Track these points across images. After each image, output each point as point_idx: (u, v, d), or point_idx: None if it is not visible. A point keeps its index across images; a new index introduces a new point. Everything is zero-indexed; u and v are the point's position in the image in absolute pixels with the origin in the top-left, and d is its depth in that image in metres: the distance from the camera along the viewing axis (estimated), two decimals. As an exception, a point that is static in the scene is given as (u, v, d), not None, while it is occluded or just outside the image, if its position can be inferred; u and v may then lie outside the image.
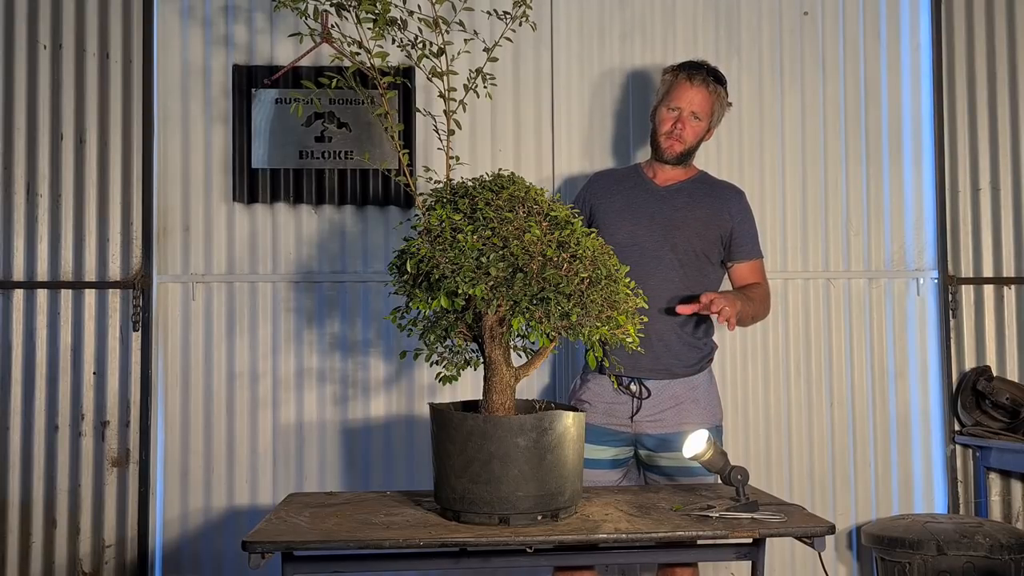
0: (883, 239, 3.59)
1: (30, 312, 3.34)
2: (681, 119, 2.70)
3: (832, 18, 3.61)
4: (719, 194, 2.80)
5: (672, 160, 2.75)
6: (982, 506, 3.51)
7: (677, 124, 2.70)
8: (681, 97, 2.69)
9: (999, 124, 3.64)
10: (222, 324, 3.40)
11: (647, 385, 2.63)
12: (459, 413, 2.08)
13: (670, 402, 2.64)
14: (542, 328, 1.92)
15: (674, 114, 2.71)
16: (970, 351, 3.60)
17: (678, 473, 2.64)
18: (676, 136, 2.70)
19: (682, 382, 2.66)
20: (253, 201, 3.40)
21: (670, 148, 2.72)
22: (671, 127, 2.70)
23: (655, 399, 2.63)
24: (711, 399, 2.71)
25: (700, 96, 2.70)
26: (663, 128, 2.72)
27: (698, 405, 2.66)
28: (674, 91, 2.71)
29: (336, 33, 2.52)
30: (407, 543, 1.89)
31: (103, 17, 3.42)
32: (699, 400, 2.67)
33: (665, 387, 2.64)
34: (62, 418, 3.33)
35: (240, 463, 3.37)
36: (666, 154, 2.73)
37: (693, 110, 2.70)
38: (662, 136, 2.72)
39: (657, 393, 2.64)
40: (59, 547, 3.31)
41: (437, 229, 1.98)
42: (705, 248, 2.71)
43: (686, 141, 2.72)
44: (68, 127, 3.39)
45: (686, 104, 2.69)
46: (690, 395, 2.66)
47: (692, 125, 2.71)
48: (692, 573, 2.65)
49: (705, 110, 2.71)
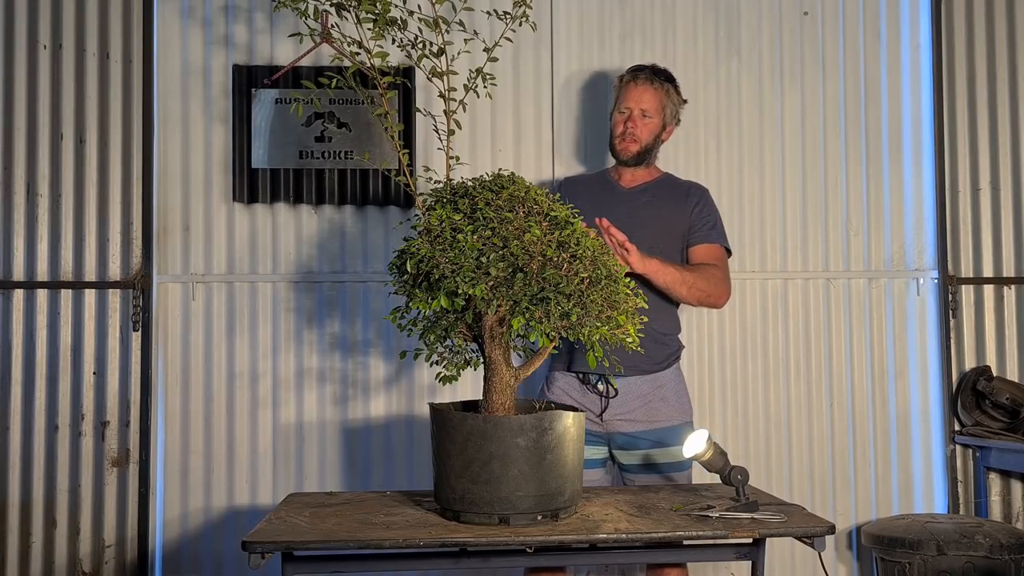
0: (883, 239, 3.60)
1: (30, 312, 3.34)
2: (632, 119, 2.78)
3: (832, 18, 3.61)
4: (681, 192, 2.84)
5: (630, 160, 2.81)
6: (982, 506, 3.51)
7: (628, 124, 2.78)
8: (628, 98, 2.79)
9: (999, 124, 3.65)
10: (222, 324, 3.40)
11: (614, 384, 2.65)
12: (459, 413, 2.08)
13: (638, 401, 2.66)
14: (542, 328, 1.92)
15: (624, 115, 2.79)
16: (970, 351, 3.61)
17: (651, 470, 2.67)
18: (630, 136, 2.78)
19: (649, 379, 2.67)
20: (253, 201, 3.40)
21: (625, 149, 2.79)
22: (623, 129, 2.79)
23: (623, 397, 2.65)
24: (680, 395, 2.73)
25: (647, 94, 2.78)
26: (616, 131, 2.81)
27: (667, 403, 2.68)
28: (622, 95, 2.81)
29: (336, 33, 2.52)
30: (407, 543, 1.89)
31: (103, 17, 3.42)
32: (667, 398, 2.69)
33: (633, 385, 2.66)
34: (62, 418, 3.33)
35: (240, 463, 3.38)
36: (622, 155, 2.80)
37: (642, 108, 2.78)
38: (616, 139, 2.81)
39: (625, 391, 2.65)
40: (59, 547, 3.31)
41: (437, 229, 1.98)
42: (670, 246, 2.75)
43: (640, 140, 2.79)
44: (68, 127, 3.39)
45: (634, 103, 2.78)
46: (658, 392, 2.68)
47: (644, 123, 2.78)
48: (681, 573, 2.67)
49: (654, 106, 2.79)
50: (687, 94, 3.55)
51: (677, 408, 2.70)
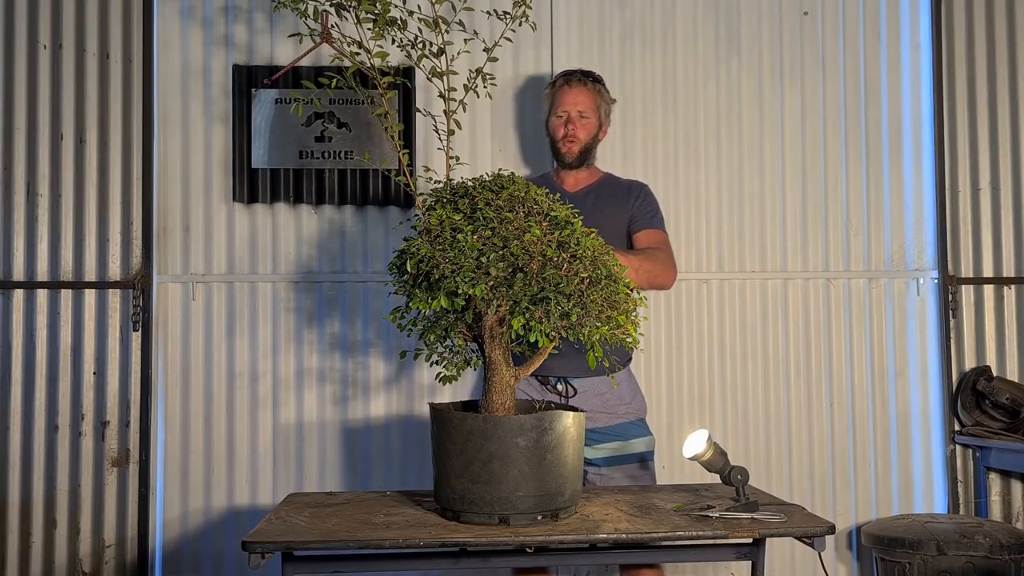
0: (883, 239, 3.60)
1: (30, 312, 3.34)
2: (571, 120, 2.86)
3: (832, 18, 3.61)
4: (623, 191, 2.91)
5: (574, 162, 2.89)
6: (982, 506, 3.51)
7: (568, 126, 2.85)
8: (564, 102, 2.87)
9: (999, 124, 3.65)
10: (222, 324, 3.40)
11: (573, 384, 2.70)
12: (459, 413, 2.07)
13: (597, 400, 2.73)
14: (542, 328, 1.92)
15: (563, 119, 2.87)
16: (970, 351, 3.61)
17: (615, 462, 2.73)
18: (571, 138, 2.86)
19: (603, 380, 2.74)
20: (253, 201, 3.40)
21: (568, 151, 2.87)
22: (564, 132, 2.86)
23: (583, 396, 2.71)
24: (634, 393, 2.81)
25: (581, 95, 2.87)
26: (557, 135, 2.88)
27: (622, 400, 2.76)
28: (557, 99, 2.89)
29: (336, 33, 2.52)
30: (407, 543, 1.89)
31: (103, 17, 3.42)
32: (623, 395, 2.77)
33: (590, 384, 2.73)
34: (62, 418, 3.33)
35: (240, 463, 3.37)
36: (567, 157, 2.88)
37: (579, 110, 2.87)
38: (559, 142, 2.88)
39: (584, 391, 2.72)
40: (59, 547, 3.31)
41: (437, 229, 1.98)
42: (620, 246, 2.79)
43: (580, 140, 2.87)
44: (68, 127, 3.39)
45: (571, 106, 2.86)
46: (613, 392, 2.75)
47: (582, 124, 2.87)
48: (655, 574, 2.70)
49: (590, 107, 2.88)
50: (687, 94, 3.57)
51: (633, 405, 2.79)
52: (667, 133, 3.55)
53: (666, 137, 3.55)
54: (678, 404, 3.49)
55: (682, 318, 3.51)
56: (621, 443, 2.73)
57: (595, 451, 2.73)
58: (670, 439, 3.46)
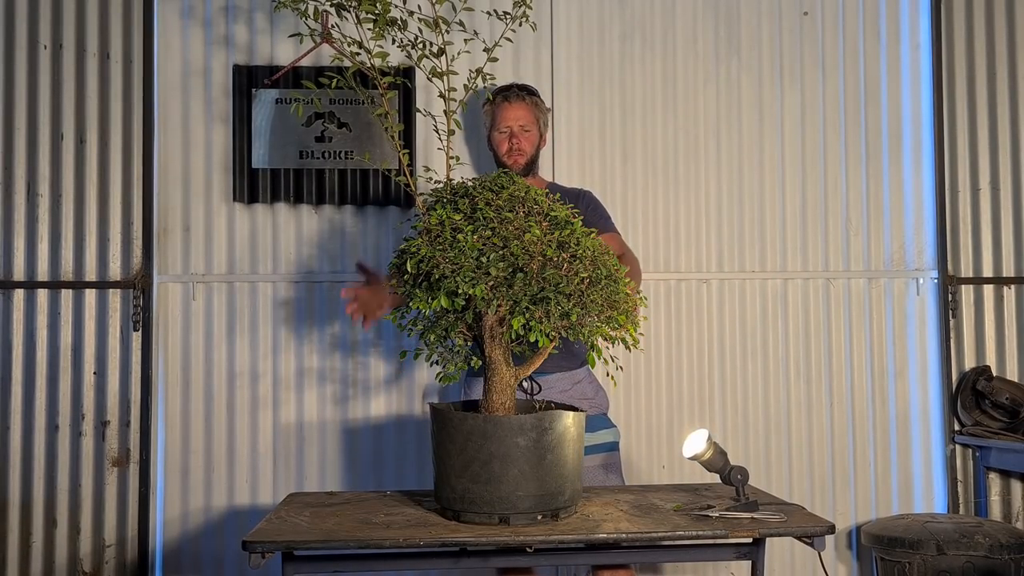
0: (883, 239, 3.60)
1: (30, 312, 3.34)
2: (514, 135, 2.92)
3: (832, 18, 3.61)
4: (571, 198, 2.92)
5: (521, 173, 2.94)
6: (982, 506, 3.51)
7: (512, 140, 2.92)
8: (506, 117, 2.93)
9: (999, 124, 3.65)
10: (222, 324, 3.40)
11: (537, 380, 2.73)
12: (459, 413, 2.08)
13: (561, 396, 2.76)
14: (542, 328, 1.92)
15: (506, 134, 2.94)
16: (970, 351, 3.61)
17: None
18: (518, 151, 2.93)
19: (566, 376, 2.78)
20: (253, 201, 3.40)
21: (515, 163, 2.93)
22: (508, 146, 2.93)
23: (547, 392, 2.74)
24: (595, 389, 2.85)
25: (521, 110, 2.93)
26: (502, 149, 2.94)
27: (585, 395, 2.80)
28: (499, 115, 2.95)
29: (336, 33, 2.52)
30: (407, 543, 1.89)
31: (103, 17, 3.42)
32: (585, 391, 2.81)
33: (554, 381, 2.77)
34: (62, 418, 3.33)
35: (240, 463, 3.38)
36: (514, 168, 2.93)
37: (521, 124, 2.94)
38: (504, 156, 2.94)
39: (548, 387, 2.75)
40: (59, 547, 3.31)
41: (437, 229, 1.98)
42: None
43: (526, 152, 2.94)
44: (68, 127, 3.39)
45: (512, 121, 2.93)
46: (577, 388, 2.79)
47: (525, 136, 2.94)
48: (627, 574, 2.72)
49: (530, 119, 2.96)
50: (687, 94, 3.57)
51: (596, 400, 2.83)
52: (667, 133, 3.55)
53: (666, 137, 3.55)
54: (678, 404, 3.49)
55: (682, 318, 3.52)
56: (589, 434, 2.75)
57: None
58: (670, 439, 3.46)
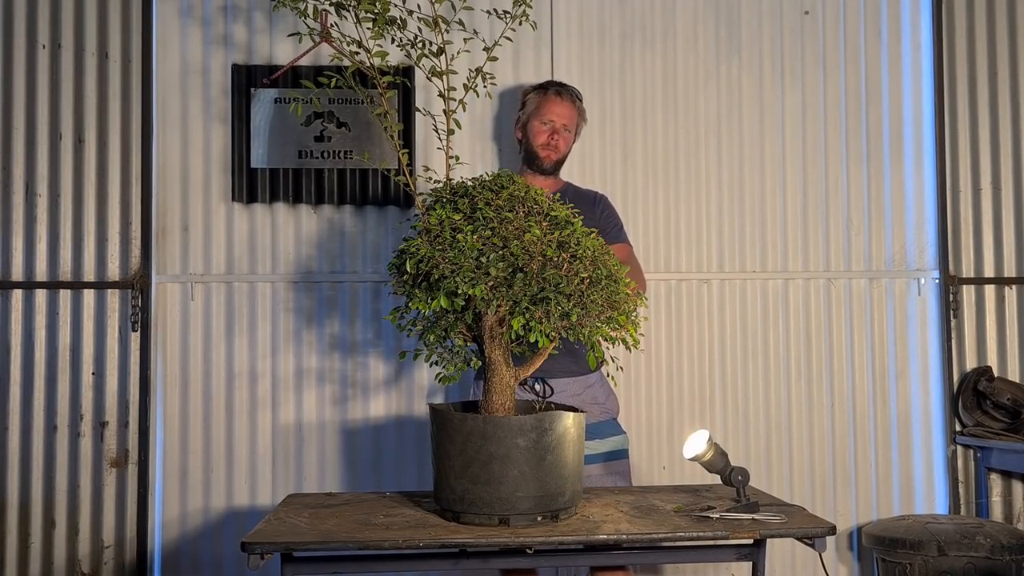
0: (884, 239, 3.59)
1: (29, 312, 3.34)
2: (555, 131, 2.90)
3: (833, 17, 3.60)
4: (586, 201, 2.94)
5: (549, 168, 2.92)
6: (983, 507, 3.51)
7: (552, 136, 2.89)
8: (551, 111, 2.90)
9: (1000, 123, 3.64)
10: (221, 324, 3.39)
11: (550, 384, 2.72)
12: (459, 413, 2.07)
13: (573, 400, 2.74)
14: (542, 328, 1.91)
15: (548, 127, 2.90)
16: (971, 351, 3.60)
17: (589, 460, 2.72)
18: (552, 146, 2.90)
19: (579, 380, 2.77)
20: (252, 201, 3.39)
21: (548, 157, 2.90)
22: (548, 138, 2.90)
23: (557, 396, 2.73)
24: (607, 393, 2.84)
25: (568, 110, 2.93)
26: (539, 140, 2.90)
27: (596, 400, 2.79)
28: (546, 106, 2.91)
29: (335, 32, 2.51)
30: (407, 544, 1.88)
31: (102, 17, 3.41)
32: (597, 396, 2.79)
33: (565, 385, 2.75)
34: (61, 418, 3.32)
35: (239, 463, 3.37)
36: (545, 163, 2.91)
37: (564, 123, 2.91)
38: (539, 147, 2.90)
39: (559, 391, 2.74)
40: (58, 548, 3.30)
41: (437, 229, 1.98)
42: None
43: (560, 151, 2.92)
44: (67, 127, 3.38)
45: (558, 117, 2.91)
46: (588, 392, 2.78)
47: (564, 136, 2.92)
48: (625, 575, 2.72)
49: (572, 122, 2.95)
50: (687, 94, 3.56)
51: (606, 405, 2.82)
52: (667, 133, 3.55)
53: (666, 137, 3.54)
54: (678, 404, 3.49)
55: (682, 318, 3.51)
56: (598, 441, 2.76)
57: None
58: (670, 439, 3.45)
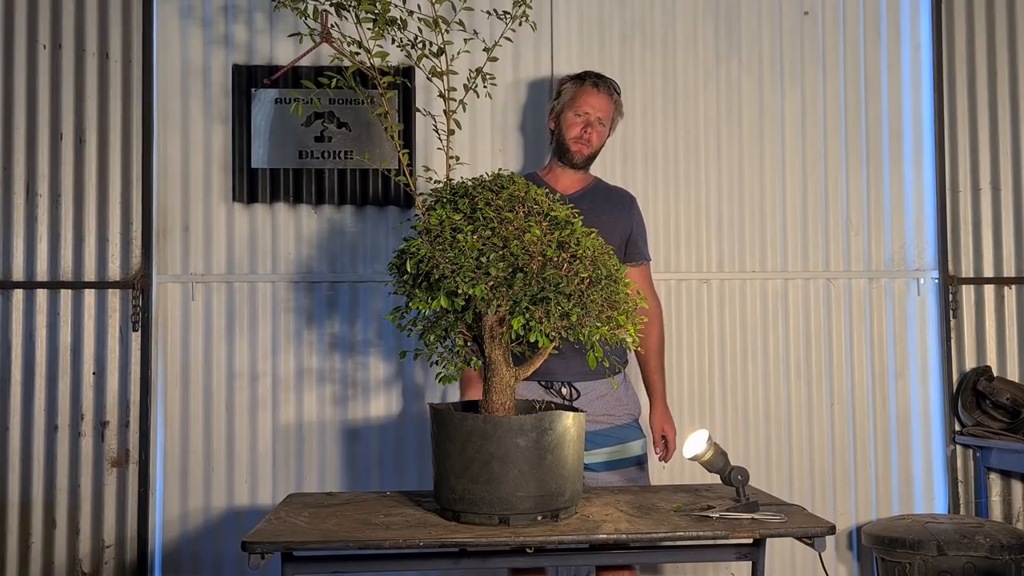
0: (883, 239, 3.59)
1: (29, 312, 3.34)
2: (590, 124, 2.80)
3: (832, 18, 3.61)
4: (618, 200, 2.89)
5: (580, 163, 2.83)
6: (982, 506, 3.51)
7: (586, 129, 2.79)
8: (588, 103, 2.80)
9: (999, 123, 3.64)
10: (222, 324, 3.40)
11: (576, 387, 2.71)
12: (459, 413, 2.07)
13: (599, 402, 2.73)
14: (542, 328, 1.92)
15: (581, 120, 2.80)
16: (970, 351, 3.60)
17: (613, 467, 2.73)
18: (584, 140, 2.80)
19: (604, 382, 2.73)
20: (253, 201, 3.40)
21: (579, 151, 2.81)
22: (580, 132, 2.79)
23: (585, 398, 2.71)
24: (629, 395, 2.82)
25: (605, 103, 2.82)
26: (572, 132, 2.80)
27: (620, 402, 2.77)
28: (580, 98, 2.81)
29: (336, 33, 2.52)
30: (407, 543, 1.89)
31: (103, 17, 3.41)
32: (621, 398, 2.77)
33: (591, 387, 2.73)
34: (62, 418, 3.33)
35: (240, 463, 3.37)
36: (576, 157, 2.82)
37: (599, 116, 2.81)
38: (571, 140, 2.80)
39: (585, 393, 2.72)
40: (59, 547, 3.30)
41: (437, 229, 1.98)
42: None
43: (592, 145, 2.82)
44: (68, 127, 3.39)
45: (593, 109, 2.80)
46: (613, 393, 2.75)
47: (598, 130, 2.82)
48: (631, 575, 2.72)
49: (608, 116, 2.84)
50: (687, 94, 3.56)
51: (630, 406, 2.79)
52: (667, 133, 3.55)
53: (666, 137, 3.55)
54: (678, 404, 3.49)
55: (682, 318, 3.51)
56: (621, 446, 2.74)
57: (592, 456, 2.70)
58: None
